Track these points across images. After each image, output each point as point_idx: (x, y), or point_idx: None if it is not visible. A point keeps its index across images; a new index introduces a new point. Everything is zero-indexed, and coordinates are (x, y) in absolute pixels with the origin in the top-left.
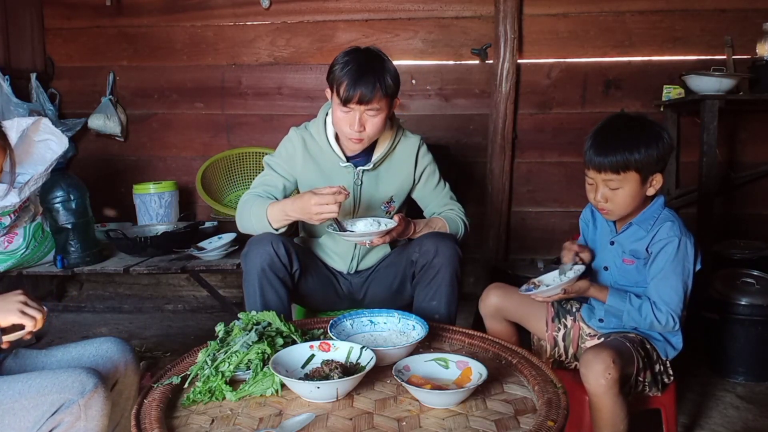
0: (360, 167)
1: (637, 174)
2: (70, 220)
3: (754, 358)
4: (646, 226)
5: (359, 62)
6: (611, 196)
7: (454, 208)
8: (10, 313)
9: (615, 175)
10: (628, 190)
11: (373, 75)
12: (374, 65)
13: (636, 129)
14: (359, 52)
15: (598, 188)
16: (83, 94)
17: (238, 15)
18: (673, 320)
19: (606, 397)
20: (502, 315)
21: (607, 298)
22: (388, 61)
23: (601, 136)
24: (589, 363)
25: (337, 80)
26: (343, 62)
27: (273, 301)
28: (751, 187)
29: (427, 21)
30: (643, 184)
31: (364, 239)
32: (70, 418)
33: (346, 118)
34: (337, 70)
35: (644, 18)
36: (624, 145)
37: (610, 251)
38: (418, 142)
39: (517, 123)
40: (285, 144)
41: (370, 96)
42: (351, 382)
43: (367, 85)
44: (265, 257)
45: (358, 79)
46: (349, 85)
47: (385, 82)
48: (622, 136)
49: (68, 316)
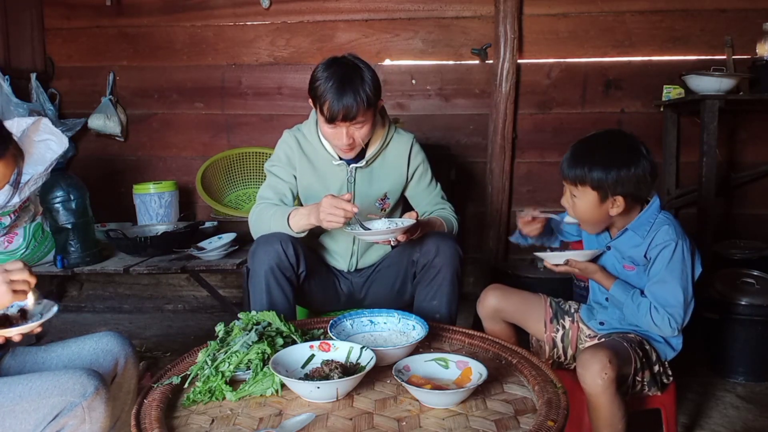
0: (353, 165)
1: (594, 191)
2: (70, 220)
3: (754, 358)
4: (641, 232)
5: (338, 78)
6: (572, 204)
7: (446, 207)
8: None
9: (573, 186)
10: (585, 203)
11: (353, 92)
12: (353, 79)
13: (611, 149)
14: (337, 66)
15: (566, 194)
16: (83, 94)
17: (238, 15)
18: (671, 324)
19: (603, 396)
20: (501, 316)
21: (611, 286)
22: (366, 70)
23: (577, 146)
24: (585, 363)
25: (320, 99)
26: (323, 78)
27: (279, 300)
28: (751, 187)
29: (427, 21)
30: (601, 202)
31: (387, 237)
32: (75, 422)
33: (334, 134)
34: (318, 87)
35: (644, 18)
36: (588, 161)
37: (608, 257)
38: (411, 140)
39: (517, 123)
40: (281, 146)
41: (354, 113)
42: (351, 382)
43: (348, 102)
44: (274, 256)
45: (340, 98)
46: (332, 104)
47: (366, 95)
48: (591, 152)
49: (68, 316)
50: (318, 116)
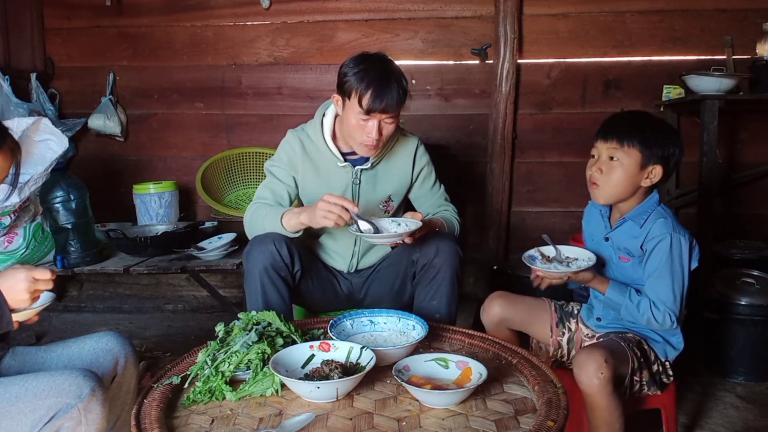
0: (358, 166)
1: (639, 154)
2: (70, 220)
3: (754, 358)
4: (639, 221)
5: (378, 71)
6: (608, 168)
7: (448, 208)
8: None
9: (620, 146)
10: (625, 167)
11: (397, 84)
12: (394, 73)
13: (652, 121)
14: (373, 60)
15: (600, 159)
16: (83, 94)
17: (238, 15)
18: (670, 319)
19: (600, 396)
20: (506, 325)
21: (607, 290)
22: (398, 67)
23: (619, 115)
24: (581, 363)
25: (359, 90)
26: (360, 70)
27: (275, 300)
28: (751, 187)
29: (427, 21)
30: (641, 168)
31: (395, 240)
32: (71, 423)
33: (364, 127)
34: (354, 79)
35: (644, 18)
36: (635, 123)
37: (605, 248)
38: (417, 143)
39: (517, 123)
40: (284, 147)
41: (394, 105)
42: (351, 382)
43: (392, 94)
44: (268, 256)
45: (384, 89)
46: (374, 95)
47: (404, 89)
48: (636, 120)
49: (68, 316)
50: (348, 110)
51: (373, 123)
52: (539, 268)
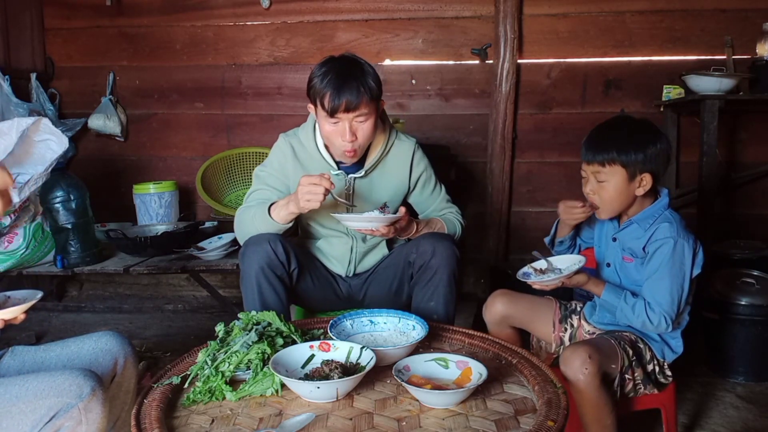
0: (351, 175)
1: (623, 169)
2: (70, 220)
3: (754, 358)
4: (645, 224)
5: (338, 70)
6: (598, 189)
7: (451, 210)
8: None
9: (601, 167)
10: (614, 184)
11: (355, 80)
12: (353, 71)
13: (631, 129)
14: (335, 61)
15: (589, 180)
16: (83, 94)
17: (238, 15)
18: (665, 321)
19: (587, 391)
20: (508, 322)
21: (602, 292)
22: (366, 64)
23: (596, 131)
24: (566, 359)
25: (319, 93)
26: (321, 74)
27: (272, 300)
28: (751, 187)
29: (427, 21)
30: (630, 181)
31: (370, 225)
32: (71, 423)
33: (336, 130)
34: (317, 83)
35: (644, 18)
36: (613, 139)
37: (612, 247)
38: (413, 147)
39: (517, 123)
40: (275, 152)
41: (357, 101)
42: (351, 382)
43: (351, 90)
44: (263, 256)
45: (341, 86)
46: (333, 94)
47: (368, 85)
48: (614, 133)
49: (68, 316)
50: (319, 117)
51: (344, 125)
52: (535, 281)
